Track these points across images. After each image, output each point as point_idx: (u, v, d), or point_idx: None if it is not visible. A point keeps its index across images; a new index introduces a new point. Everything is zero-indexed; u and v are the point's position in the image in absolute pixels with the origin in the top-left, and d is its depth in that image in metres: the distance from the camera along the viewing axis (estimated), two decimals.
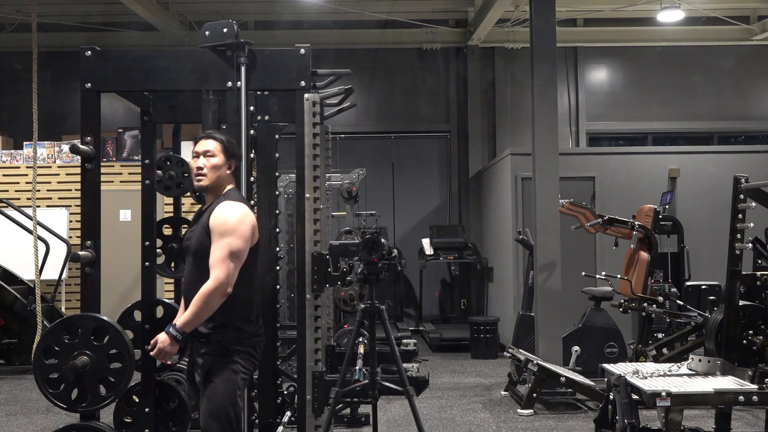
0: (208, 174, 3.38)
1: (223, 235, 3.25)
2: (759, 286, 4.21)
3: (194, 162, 3.42)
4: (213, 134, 3.48)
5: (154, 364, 4.11)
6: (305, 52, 3.98)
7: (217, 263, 3.23)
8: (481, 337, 8.74)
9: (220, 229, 3.26)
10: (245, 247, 3.31)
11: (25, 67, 10.60)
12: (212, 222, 3.29)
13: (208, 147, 3.40)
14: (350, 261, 5.24)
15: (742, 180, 4.23)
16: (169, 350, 3.23)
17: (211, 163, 3.39)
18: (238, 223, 3.29)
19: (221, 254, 3.23)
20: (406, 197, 11.53)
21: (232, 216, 3.29)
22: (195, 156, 3.43)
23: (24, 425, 5.93)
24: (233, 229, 3.27)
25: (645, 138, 11.91)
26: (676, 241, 8.04)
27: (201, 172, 3.38)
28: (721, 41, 11.33)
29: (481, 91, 11.51)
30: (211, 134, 3.48)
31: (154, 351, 3.26)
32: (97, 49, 4.00)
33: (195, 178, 3.41)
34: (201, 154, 3.40)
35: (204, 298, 3.21)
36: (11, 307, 7.96)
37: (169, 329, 3.24)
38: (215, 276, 3.22)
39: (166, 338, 3.23)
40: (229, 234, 3.25)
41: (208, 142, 3.42)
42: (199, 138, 3.48)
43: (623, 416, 3.97)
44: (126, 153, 9.51)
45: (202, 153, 3.40)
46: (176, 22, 10.72)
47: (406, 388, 3.99)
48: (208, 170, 3.38)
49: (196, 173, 3.40)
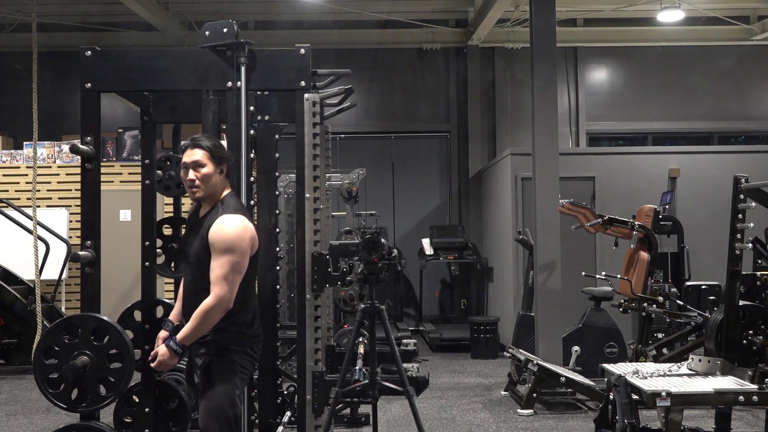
0: (201, 185, 3.37)
1: (224, 253, 3.25)
2: (759, 286, 4.21)
3: (184, 174, 3.39)
4: (199, 142, 3.41)
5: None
6: (305, 52, 3.98)
7: (218, 280, 3.24)
8: (481, 337, 8.74)
9: (220, 246, 3.26)
10: (245, 262, 3.33)
11: (25, 67, 10.59)
12: (212, 238, 3.28)
13: (196, 157, 3.36)
14: (350, 261, 5.24)
15: (742, 180, 4.23)
16: (169, 363, 3.30)
17: (202, 174, 3.36)
18: (238, 239, 3.28)
19: (222, 272, 3.24)
20: (406, 197, 11.53)
21: (232, 232, 3.28)
22: (184, 167, 3.39)
23: (24, 425, 5.93)
24: (234, 246, 3.26)
25: (645, 138, 11.91)
26: (676, 241, 8.04)
27: (194, 185, 3.37)
28: (721, 41, 11.34)
29: (481, 91, 11.51)
30: (197, 142, 3.40)
31: (155, 363, 3.32)
32: (97, 49, 4.00)
33: (189, 190, 3.40)
34: (190, 167, 3.37)
35: (204, 313, 3.24)
36: (11, 307, 7.96)
37: (170, 343, 3.28)
38: (216, 293, 3.24)
39: (167, 351, 3.28)
40: (230, 252, 3.26)
41: (195, 152, 3.37)
42: (185, 147, 3.42)
43: (623, 416, 3.97)
44: (126, 153, 9.51)
45: (191, 165, 3.37)
46: (176, 22, 10.72)
47: (406, 388, 3.98)
48: (200, 182, 3.36)
49: (188, 185, 3.39)
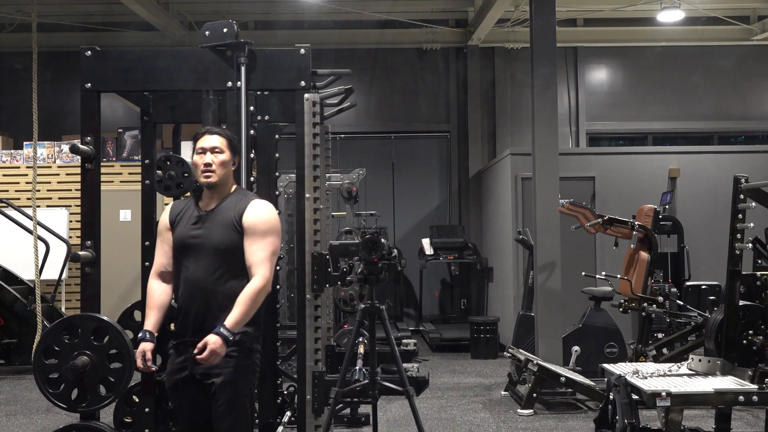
0: (216, 170, 3.34)
1: (266, 235, 3.31)
2: (759, 286, 4.21)
3: (200, 158, 3.35)
4: (217, 130, 3.44)
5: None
6: (305, 52, 3.98)
7: (263, 262, 3.27)
8: (481, 337, 8.74)
9: (262, 228, 3.31)
10: (280, 245, 3.41)
11: (25, 67, 10.61)
12: (252, 221, 3.31)
13: (215, 143, 3.36)
14: (350, 261, 5.24)
15: (742, 180, 4.23)
16: (221, 352, 3.14)
17: (219, 159, 3.35)
18: (276, 222, 3.40)
19: (266, 253, 3.29)
20: (406, 197, 11.53)
21: (272, 215, 3.39)
22: (201, 152, 3.36)
23: (24, 425, 5.93)
24: (274, 228, 3.35)
25: (645, 138, 11.91)
26: (676, 241, 8.03)
27: (210, 169, 3.33)
28: (721, 41, 11.33)
29: (481, 91, 11.51)
30: (215, 130, 3.43)
31: (205, 354, 3.11)
32: (97, 49, 4.00)
33: (202, 174, 3.34)
34: (208, 150, 3.35)
35: (254, 296, 3.22)
36: (11, 307, 7.96)
37: (221, 330, 3.13)
38: (263, 274, 3.26)
39: (218, 339, 3.12)
40: (270, 233, 3.33)
41: (214, 138, 3.38)
42: (202, 133, 3.41)
43: (623, 416, 3.97)
44: (126, 153, 9.51)
45: (210, 149, 3.35)
46: (176, 22, 10.72)
47: (406, 388, 3.98)
48: (217, 166, 3.34)
49: (204, 170, 3.33)
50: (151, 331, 3.33)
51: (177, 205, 3.50)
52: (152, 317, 3.36)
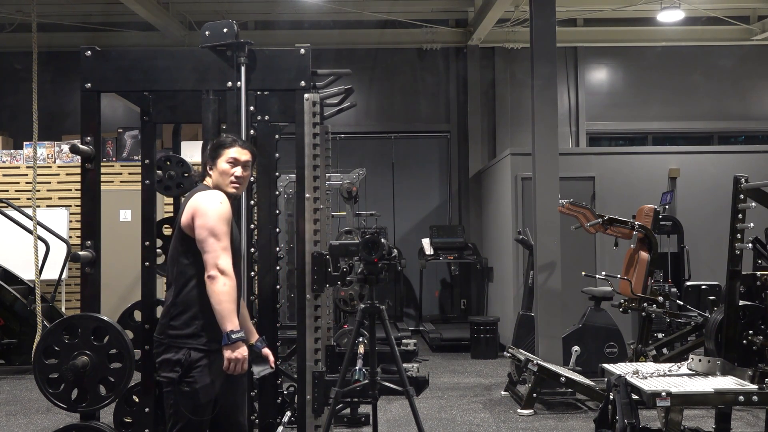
0: (244, 184, 3.46)
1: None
2: (759, 286, 4.21)
3: (231, 168, 3.38)
4: (248, 145, 3.53)
5: (153, 364, 4.10)
6: (305, 52, 3.98)
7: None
8: (481, 337, 8.74)
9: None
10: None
11: (25, 67, 10.60)
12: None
13: (248, 158, 3.45)
14: (350, 261, 5.24)
15: (742, 180, 4.23)
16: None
17: (247, 174, 3.45)
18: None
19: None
20: (406, 197, 11.53)
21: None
22: (233, 163, 3.38)
23: (24, 425, 5.93)
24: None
25: (645, 138, 11.91)
26: (676, 241, 8.04)
27: (240, 182, 3.41)
28: (721, 41, 11.34)
29: (481, 91, 11.51)
30: (247, 144, 3.52)
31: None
32: (97, 49, 4.00)
33: (231, 184, 3.38)
34: (242, 165, 3.41)
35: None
36: (11, 307, 7.96)
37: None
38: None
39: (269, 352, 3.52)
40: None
41: (247, 152, 3.45)
42: (232, 142, 3.42)
43: (623, 416, 3.97)
44: (126, 153, 9.51)
45: (243, 164, 3.42)
46: (176, 22, 10.72)
47: (406, 388, 3.98)
48: (244, 181, 3.45)
49: (234, 181, 3.38)
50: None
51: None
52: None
